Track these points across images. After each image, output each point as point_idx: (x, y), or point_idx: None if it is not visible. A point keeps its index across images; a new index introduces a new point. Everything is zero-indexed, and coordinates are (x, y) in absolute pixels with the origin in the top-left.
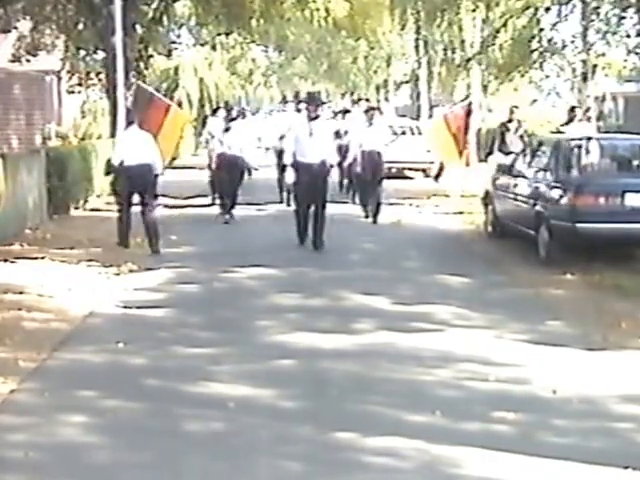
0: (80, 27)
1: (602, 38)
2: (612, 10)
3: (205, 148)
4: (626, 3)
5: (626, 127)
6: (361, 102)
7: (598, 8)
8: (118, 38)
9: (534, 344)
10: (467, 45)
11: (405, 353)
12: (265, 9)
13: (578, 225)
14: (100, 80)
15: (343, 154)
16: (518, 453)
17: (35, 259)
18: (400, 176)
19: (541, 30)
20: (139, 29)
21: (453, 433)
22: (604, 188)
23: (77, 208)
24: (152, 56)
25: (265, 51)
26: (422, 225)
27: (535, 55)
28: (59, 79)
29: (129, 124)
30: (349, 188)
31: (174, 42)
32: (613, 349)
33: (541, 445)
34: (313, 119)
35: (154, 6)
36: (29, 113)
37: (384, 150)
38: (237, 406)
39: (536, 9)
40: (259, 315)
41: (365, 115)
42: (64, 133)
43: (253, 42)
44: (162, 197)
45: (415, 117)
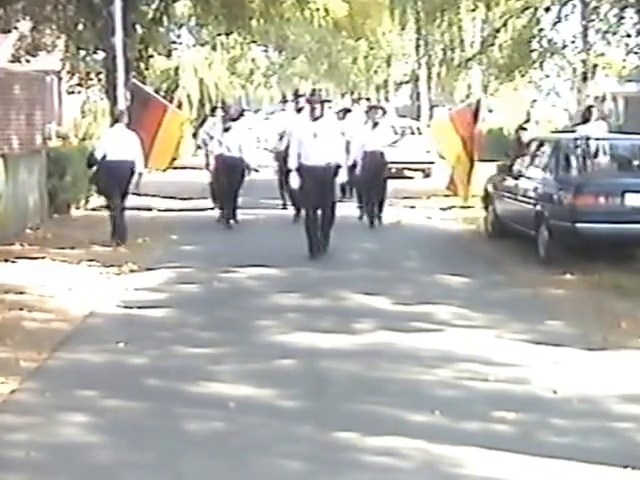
0: (80, 27)
1: (602, 38)
2: (612, 10)
3: (201, 149)
4: (625, 3)
5: (626, 127)
6: (362, 101)
7: (598, 8)
8: (118, 38)
9: (534, 344)
10: (467, 45)
11: (405, 353)
12: (265, 9)
13: (578, 225)
14: (100, 80)
15: None
16: (518, 453)
17: (36, 259)
18: (400, 176)
19: (541, 30)
20: (139, 29)
21: (453, 433)
22: (604, 188)
23: (78, 208)
24: (152, 56)
25: (265, 51)
26: (422, 225)
27: (535, 55)
28: (59, 79)
29: (115, 122)
30: (351, 189)
31: (174, 42)
32: (613, 349)
33: (541, 445)
34: (316, 119)
35: (154, 6)
36: (29, 113)
37: (387, 151)
38: (237, 406)
39: (536, 9)
40: (259, 315)
41: (366, 115)
42: (64, 133)
43: (253, 42)
44: (163, 198)
45: (415, 117)
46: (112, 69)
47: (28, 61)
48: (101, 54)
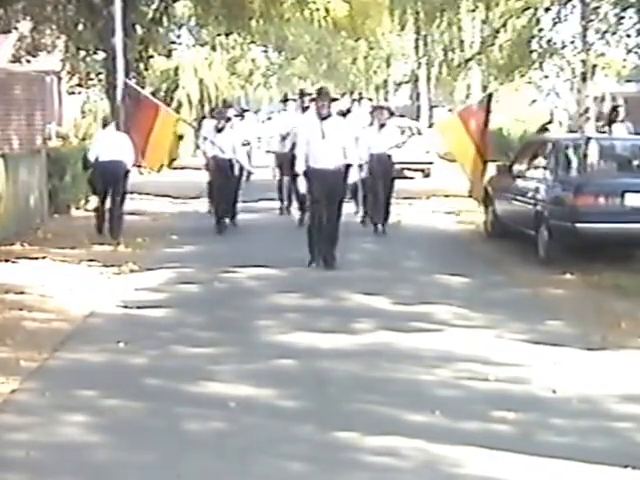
0: (80, 28)
1: (601, 38)
2: (612, 10)
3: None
4: (625, 3)
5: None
6: (363, 101)
7: (598, 8)
8: (118, 39)
9: (534, 344)
10: (467, 45)
11: (405, 353)
12: (265, 9)
13: (578, 225)
14: (100, 80)
15: None
16: (518, 453)
17: (36, 259)
18: (400, 176)
19: (541, 30)
20: (139, 30)
21: (453, 433)
22: (604, 188)
23: (78, 208)
24: (152, 57)
25: (265, 51)
26: (422, 225)
27: (535, 55)
28: (59, 79)
29: (104, 125)
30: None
31: (174, 42)
32: (613, 349)
33: (541, 445)
34: (325, 118)
35: (154, 7)
36: (29, 113)
37: (394, 153)
38: (238, 406)
39: (536, 9)
40: (259, 315)
41: (371, 115)
42: (64, 133)
43: (253, 42)
44: (163, 197)
45: (415, 117)
46: (112, 69)
47: (28, 61)
48: (101, 54)
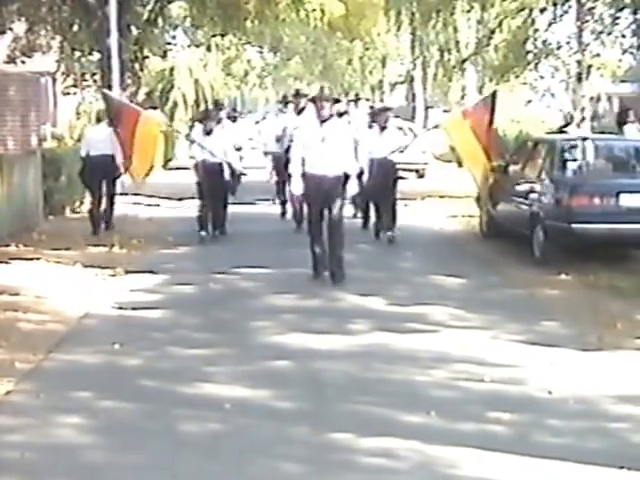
0: (75, 28)
1: (597, 38)
2: (607, 11)
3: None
4: (621, 4)
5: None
6: (360, 102)
7: (593, 9)
8: (113, 39)
9: (530, 345)
10: (462, 46)
11: (400, 354)
12: (260, 10)
13: (573, 225)
14: (95, 81)
15: None
16: (514, 453)
17: (31, 260)
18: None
19: (536, 31)
20: (134, 30)
21: (448, 433)
22: (599, 188)
23: (72, 209)
24: (147, 57)
25: (260, 52)
26: (417, 226)
27: (530, 56)
28: (54, 80)
29: (98, 121)
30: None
31: (169, 43)
32: (608, 349)
33: (537, 445)
34: (324, 120)
35: (149, 7)
36: (24, 114)
37: (397, 158)
38: (233, 407)
39: (531, 10)
40: (255, 316)
41: (369, 117)
42: (59, 134)
43: (248, 43)
44: (158, 198)
45: (410, 118)
46: (107, 70)
47: (23, 62)
48: (96, 55)
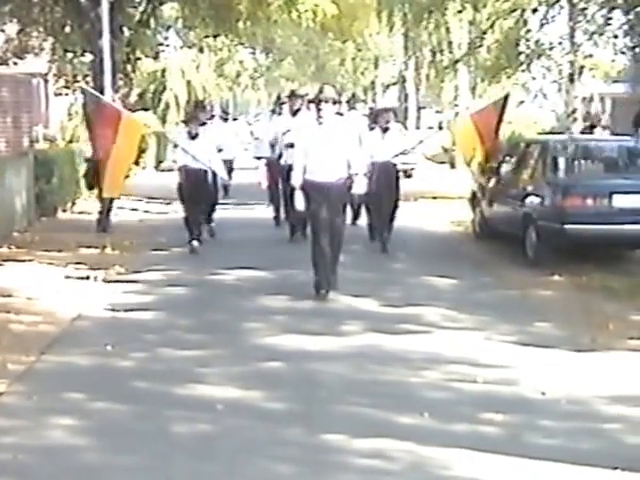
0: (67, 30)
1: (589, 39)
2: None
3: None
4: (613, 4)
5: (613, 128)
6: (357, 103)
7: (585, 9)
8: (105, 41)
9: (522, 345)
10: (455, 47)
11: (393, 355)
12: (252, 11)
13: (566, 226)
14: (87, 83)
15: None
16: (507, 454)
17: (23, 262)
18: None
19: (528, 32)
20: (126, 32)
21: (442, 434)
22: (592, 189)
23: (65, 211)
24: (139, 59)
25: (252, 53)
26: (410, 227)
27: (522, 57)
28: (46, 82)
29: None
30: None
31: (161, 44)
32: (601, 350)
33: (529, 446)
34: (326, 122)
35: (141, 9)
36: (16, 116)
37: (400, 161)
38: (226, 408)
39: (523, 11)
40: (247, 317)
41: (369, 118)
42: (51, 136)
43: (240, 44)
44: (150, 199)
45: (403, 119)
46: (99, 71)
47: (15, 64)
48: (88, 56)
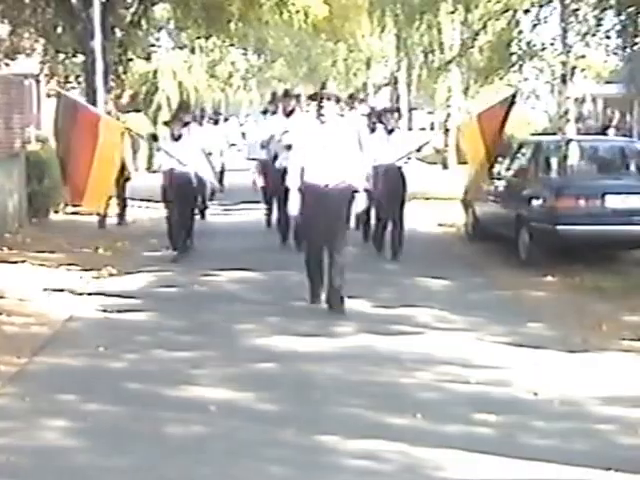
0: (59, 31)
1: (581, 40)
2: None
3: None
4: (605, 4)
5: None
6: (356, 102)
7: (577, 10)
8: (97, 42)
9: (515, 346)
10: (446, 48)
11: (386, 356)
12: (244, 12)
13: (559, 227)
14: (79, 84)
15: None
16: (500, 455)
17: (15, 263)
18: None
19: (520, 33)
20: (118, 32)
21: (434, 435)
22: (584, 190)
23: (57, 212)
24: (131, 60)
25: (244, 54)
26: None
27: (514, 58)
28: (38, 83)
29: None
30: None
31: (153, 45)
32: (594, 351)
33: (523, 447)
34: (327, 122)
35: (133, 9)
36: (8, 117)
37: (404, 165)
38: (218, 409)
39: (515, 11)
40: (240, 318)
41: (369, 118)
42: (43, 137)
43: (232, 45)
44: (142, 201)
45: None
46: (91, 72)
47: (7, 65)
48: (80, 57)
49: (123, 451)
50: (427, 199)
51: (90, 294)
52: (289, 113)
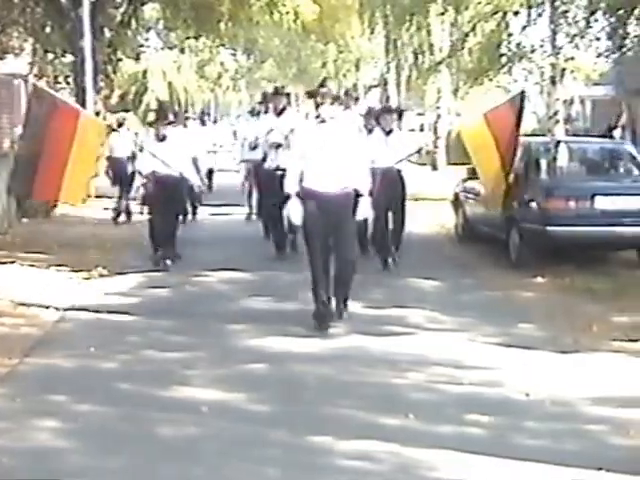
0: (48, 30)
1: (571, 42)
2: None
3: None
4: (595, 7)
5: (594, 130)
6: (351, 101)
7: (567, 12)
8: (87, 41)
9: (506, 347)
10: (436, 49)
11: (378, 356)
12: (234, 12)
13: (549, 228)
14: (68, 84)
15: None
16: (491, 455)
17: (4, 264)
18: None
19: (510, 34)
20: (107, 32)
21: (426, 436)
22: (574, 191)
23: (46, 212)
24: (121, 60)
25: (234, 55)
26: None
27: (504, 59)
28: (27, 83)
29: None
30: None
31: (142, 46)
32: (584, 352)
33: (514, 447)
34: (327, 121)
35: (122, 9)
36: None
37: (404, 167)
38: (210, 410)
39: (505, 13)
40: (231, 319)
41: (365, 119)
42: None
43: (222, 46)
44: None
45: None
46: (80, 72)
47: None
48: (69, 57)
49: (114, 452)
50: (416, 200)
51: (81, 294)
52: (280, 112)
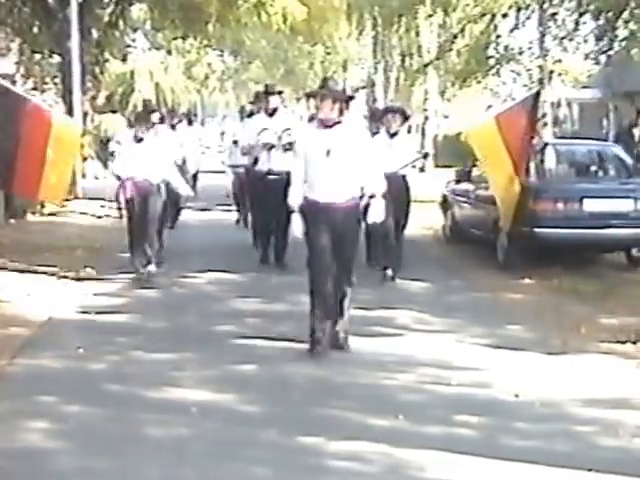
0: (35, 30)
1: (559, 44)
2: (569, 16)
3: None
4: (583, 9)
5: (581, 133)
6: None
7: (555, 14)
8: (74, 42)
9: (495, 348)
10: (424, 51)
11: (367, 358)
12: (221, 13)
13: (537, 230)
14: (56, 84)
15: None
16: (481, 456)
17: None
18: None
19: (498, 36)
20: (95, 33)
21: (416, 437)
22: (562, 193)
23: (34, 213)
24: (108, 60)
25: (221, 56)
26: None
27: (492, 61)
28: (14, 83)
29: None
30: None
31: (129, 46)
32: (573, 353)
33: (504, 448)
34: (331, 125)
35: (110, 10)
36: None
37: (409, 173)
38: (200, 411)
39: (493, 15)
40: (219, 320)
41: (369, 121)
42: None
43: (209, 46)
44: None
45: None
46: (68, 73)
47: None
48: (57, 58)
49: (104, 453)
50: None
51: (69, 295)
52: (272, 112)
